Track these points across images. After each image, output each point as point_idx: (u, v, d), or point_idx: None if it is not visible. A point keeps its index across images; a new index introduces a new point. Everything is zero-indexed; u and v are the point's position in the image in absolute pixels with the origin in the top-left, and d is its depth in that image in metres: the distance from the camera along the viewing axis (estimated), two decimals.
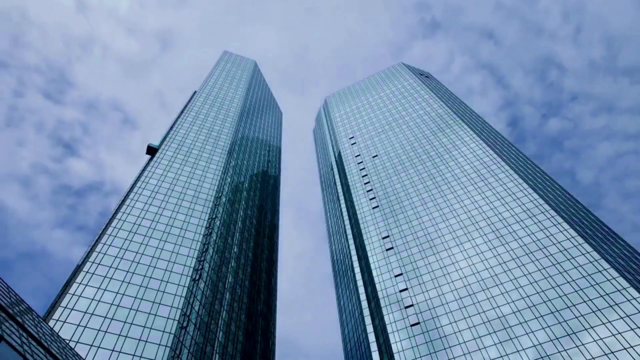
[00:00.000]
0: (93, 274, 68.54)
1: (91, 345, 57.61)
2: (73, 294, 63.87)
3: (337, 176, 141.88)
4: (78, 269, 71.34)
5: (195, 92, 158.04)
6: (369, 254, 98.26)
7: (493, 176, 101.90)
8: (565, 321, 65.70)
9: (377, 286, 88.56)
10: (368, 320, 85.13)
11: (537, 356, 63.13)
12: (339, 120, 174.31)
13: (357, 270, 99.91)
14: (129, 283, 69.55)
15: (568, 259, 74.50)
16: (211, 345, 71.96)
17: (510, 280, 76.25)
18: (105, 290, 66.68)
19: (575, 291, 69.01)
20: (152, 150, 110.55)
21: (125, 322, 62.94)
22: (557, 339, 63.96)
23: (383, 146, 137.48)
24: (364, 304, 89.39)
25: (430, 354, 71.17)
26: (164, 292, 70.55)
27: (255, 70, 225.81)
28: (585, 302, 66.87)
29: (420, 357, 71.34)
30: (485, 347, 68.04)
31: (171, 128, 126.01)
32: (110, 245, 75.06)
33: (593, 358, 59.40)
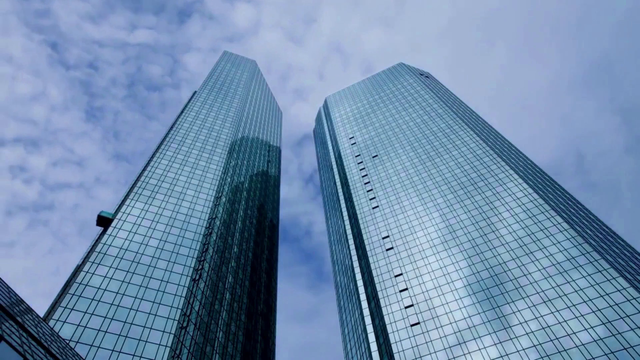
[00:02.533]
0: (93, 274, 68.53)
1: (91, 345, 57.61)
2: (73, 294, 63.87)
3: (337, 176, 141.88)
4: (78, 269, 71.34)
5: (195, 92, 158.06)
6: (369, 254, 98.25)
7: (493, 176, 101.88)
8: (565, 321, 65.70)
9: (377, 286, 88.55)
10: (368, 320, 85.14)
11: (537, 356, 63.14)
12: (339, 120, 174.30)
13: (357, 270, 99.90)
14: (129, 283, 69.55)
15: (568, 259, 74.49)
16: (211, 345, 71.96)
17: (510, 280, 76.24)
18: (105, 290, 66.68)
19: (576, 291, 69.01)
20: (103, 221, 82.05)
21: (125, 322, 62.94)
22: (557, 339, 63.97)
23: (383, 146, 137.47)
24: (364, 304, 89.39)
25: (430, 354, 71.16)
26: (164, 292, 70.55)
27: (256, 70, 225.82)
28: (585, 302, 66.87)
29: (420, 357, 71.34)
30: (485, 347, 68.03)
31: (171, 128, 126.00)
32: (110, 245, 75.06)
33: (593, 358, 59.41)
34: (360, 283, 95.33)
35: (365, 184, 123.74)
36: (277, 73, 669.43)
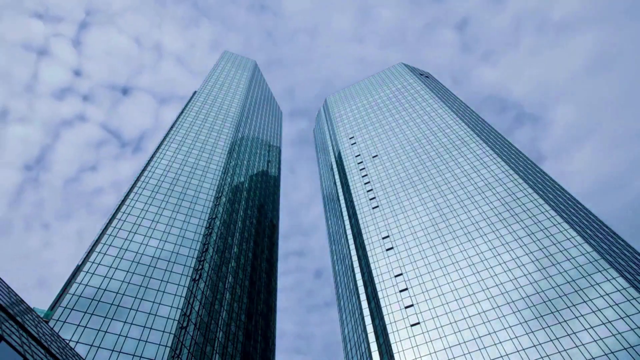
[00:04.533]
0: (93, 274, 68.54)
1: (91, 345, 57.61)
2: (73, 294, 63.88)
3: (337, 176, 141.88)
4: (78, 269, 71.33)
5: (195, 92, 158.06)
6: (369, 254, 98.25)
7: (493, 176, 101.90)
8: (565, 321, 65.70)
9: (377, 286, 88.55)
10: (368, 320, 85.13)
11: (537, 356, 63.13)
12: (339, 120, 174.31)
13: (357, 270, 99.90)
14: (129, 283, 69.56)
15: (568, 259, 74.49)
16: (211, 345, 71.96)
17: (510, 280, 76.25)
18: (105, 290, 66.68)
19: (575, 291, 69.01)
20: None
21: (125, 322, 62.95)
22: (557, 338, 63.97)
23: (383, 146, 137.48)
24: (364, 304, 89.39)
25: (430, 354, 71.16)
26: (164, 292, 70.55)
27: (256, 70, 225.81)
28: (585, 302, 66.87)
29: (420, 357, 71.33)
30: (485, 347, 68.03)
31: (171, 128, 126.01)
32: (110, 245, 75.07)
33: (593, 358, 59.40)
34: (360, 283, 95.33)
35: (365, 184, 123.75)
36: (470, 34, 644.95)
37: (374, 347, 79.12)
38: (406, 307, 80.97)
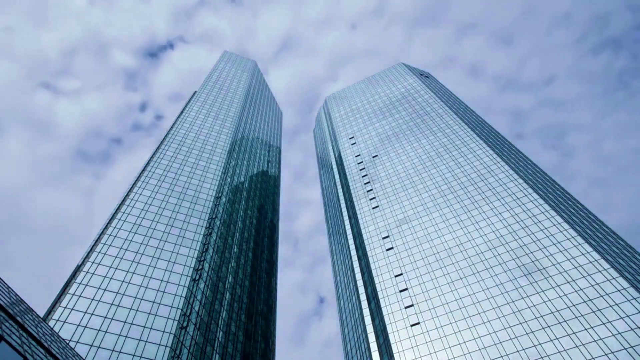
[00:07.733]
0: (93, 274, 68.53)
1: (91, 345, 57.61)
2: (73, 294, 63.87)
3: (337, 176, 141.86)
4: (78, 269, 71.36)
5: (195, 92, 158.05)
6: (369, 254, 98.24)
7: (493, 176, 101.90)
8: (565, 321, 65.70)
9: (377, 286, 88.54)
10: (368, 320, 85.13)
11: (538, 356, 63.13)
12: (339, 120, 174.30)
13: (357, 270, 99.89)
14: (129, 283, 69.55)
15: (568, 259, 74.49)
16: (211, 345, 71.95)
17: (510, 280, 76.25)
18: (105, 290, 66.68)
19: (575, 291, 69.02)
20: None
21: (125, 322, 62.95)
22: (557, 339, 63.97)
23: (383, 146, 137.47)
24: (364, 304, 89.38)
25: (430, 354, 71.15)
26: (164, 292, 70.55)
27: (256, 70, 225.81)
28: (585, 302, 66.87)
29: (420, 357, 71.32)
30: (485, 347, 68.03)
31: (171, 128, 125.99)
32: (110, 245, 75.07)
33: (593, 358, 59.40)
34: (360, 283, 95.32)
35: (366, 184, 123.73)
36: None
37: (374, 347, 79.12)
38: (406, 307, 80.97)
